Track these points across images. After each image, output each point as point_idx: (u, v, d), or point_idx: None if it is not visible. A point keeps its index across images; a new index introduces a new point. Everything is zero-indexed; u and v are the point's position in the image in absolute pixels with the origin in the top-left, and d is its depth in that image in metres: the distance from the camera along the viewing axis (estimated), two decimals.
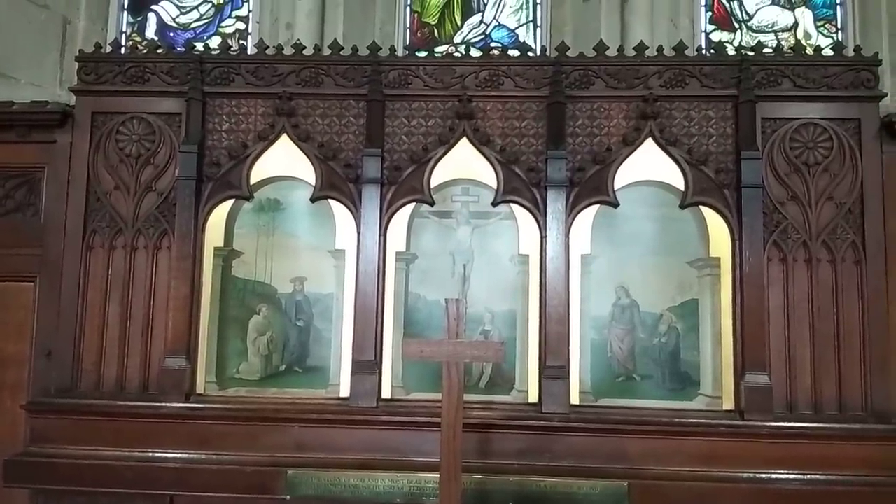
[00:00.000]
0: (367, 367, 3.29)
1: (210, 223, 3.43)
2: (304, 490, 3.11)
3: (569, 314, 3.30)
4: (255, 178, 3.45)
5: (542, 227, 3.33)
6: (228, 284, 3.50)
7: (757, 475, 3.11)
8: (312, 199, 3.41)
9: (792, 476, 3.12)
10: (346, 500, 3.11)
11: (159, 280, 3.40)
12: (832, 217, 3.29)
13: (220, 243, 3.50)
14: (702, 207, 3.35)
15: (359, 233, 3.37)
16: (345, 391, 3.36)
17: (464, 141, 3.37)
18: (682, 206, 3.33)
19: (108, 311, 3.39)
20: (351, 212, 3.40)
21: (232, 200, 3.48)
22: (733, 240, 3.28)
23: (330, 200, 3.45)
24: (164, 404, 3.26)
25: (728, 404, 3.26)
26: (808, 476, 3.11)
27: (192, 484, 3.16)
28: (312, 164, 3.39)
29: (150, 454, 3.22)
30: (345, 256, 3.48)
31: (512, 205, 3.42)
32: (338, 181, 3.40)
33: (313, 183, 3.41)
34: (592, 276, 3.42)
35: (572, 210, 3.33)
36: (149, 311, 3.39)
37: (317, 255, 3.50)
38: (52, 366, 3.38)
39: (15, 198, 3.59)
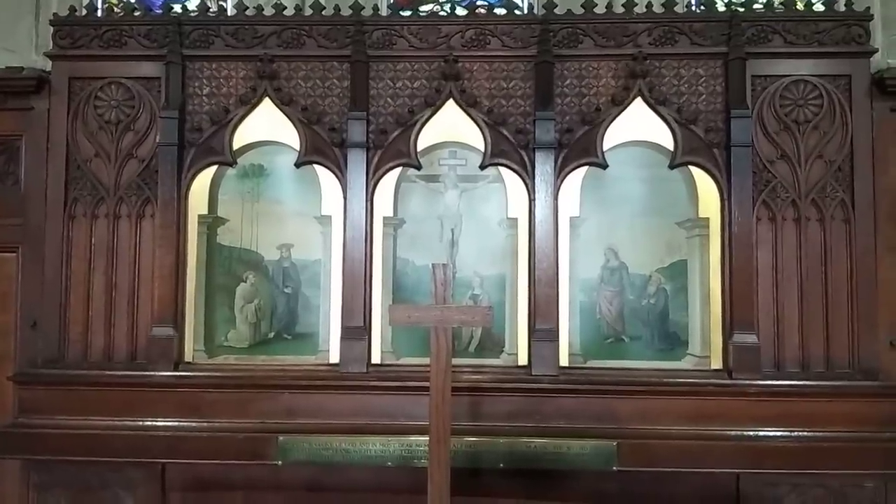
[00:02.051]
0: (356, 332, 3.28)
1: (193, 190, 3.37)
2: (295, 455, 3.12)
3: (558, 277, 3.29)
4: (237, 143, 3.39)
5: (531, 190, 3.29)
6: (214, 252, 3.46)
7: (744, 433, 3.14)
8: (297, 165, 3.36)
9: (779, 433, 3.15)
10: (338, 464, 3.12)
11: (143, 249, 3.36)
12: (822, 175, 3.27)
13: (205, 210, 3.45)
14: (691, 167, 3.33)
15: (345, 198, 3.33)
16: (334, 357, 3.35)
17: (450, 103, 3.32)
18: (672, 167, 3.30)
19: (92, 281, 3.35)
20: (337, 177, 3.35)
21: (215, 167, 3.42)
22: (722, 200, 3.26)
23: (315, 165, 3.39)
24: (153, 373, 3.25)
25: (716, 364, 3.28)
26: (796, 433, 3.14)
27: (183, 452, 3.16)
28: (296, 128, 3.33)
29: (141, 423, 3.21)
30: (331, 222, 3.44)
31: (500, 168, 3.37)
32: (322, 146, 3.35)
33: (297, 148, 3.35)
34: (581, 238, 3.40)
35: (561, 172, 3.30)
36: (134, 281, 3.35)
37: (303, 221, 3.46)
38: (38, 336, 3.35)
39: None
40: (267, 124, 3.40)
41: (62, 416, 3.22)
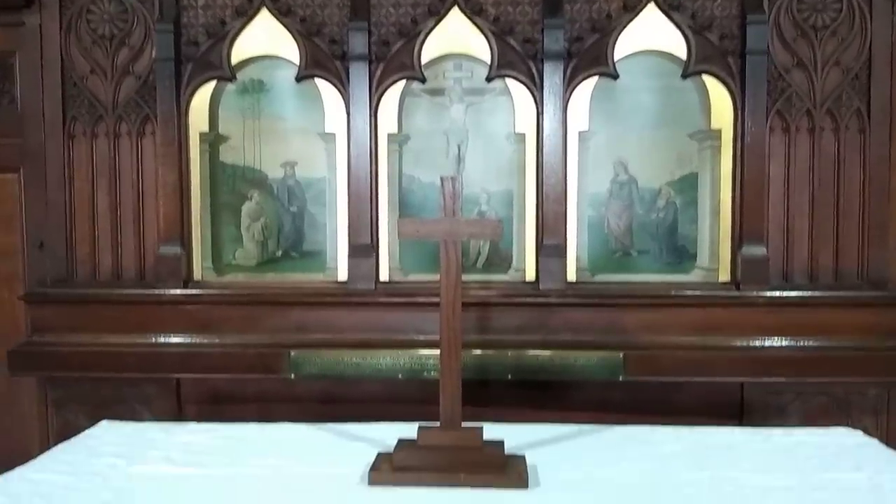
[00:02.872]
0: (363, 250, 3.28)
1: (193, 107, 3.29)
2: (307, 369, 3.17)
3: (566, 192, 3.25)
4: (236, 57, 3.29)
5: (539, 103, 3.21)
6: (217, 170, 3.41)
7: (751, 343, 3.17)
8: (298, 79, 3.26)
9: (785, 343, 3.18)
10: (349, 377, 3.17)
11: (146, 167, 3.32)
12: (838, 84, 3.18)
13: (205, 128, 3.38)
14: (704, 77, 3.23)
15: (348, 114, 3.25)
16: (342, 275, 3.35)
17: (455, 11, 3.19)
18: (684, 76, 3.20)
19: (96, 201, 3.33)
20: (339, 91, 3.27)
21: (214, 82, 3.33)
22: (735, 110, 3.18)
23: (316, 80, 3.30)
24: (162, 291, 3.26)
25: (724, 276, 3.27)
26: (802, 343, 3.17)
27: (196, 366, 3.21)
28: (295, 40, 3.22)
29: (153, 340, 3.25)
30: (335, 139, 3.38)
31: (507, 80, 3.28)
32: (323, 58, 3.25)
33: (297, 62, 3.25)
34: (590, 152, 3.34)
35: (570, 84, 3.20)
36: (138, 200, 3.32)
37: (306, 138, 3.40)
38: (46, 257, 3.36)
39: None
40: (265, 37, 3.29)
41: (75, 334, 3.26)
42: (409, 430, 2.18)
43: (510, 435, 2.24)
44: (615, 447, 2.27)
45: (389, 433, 2.29)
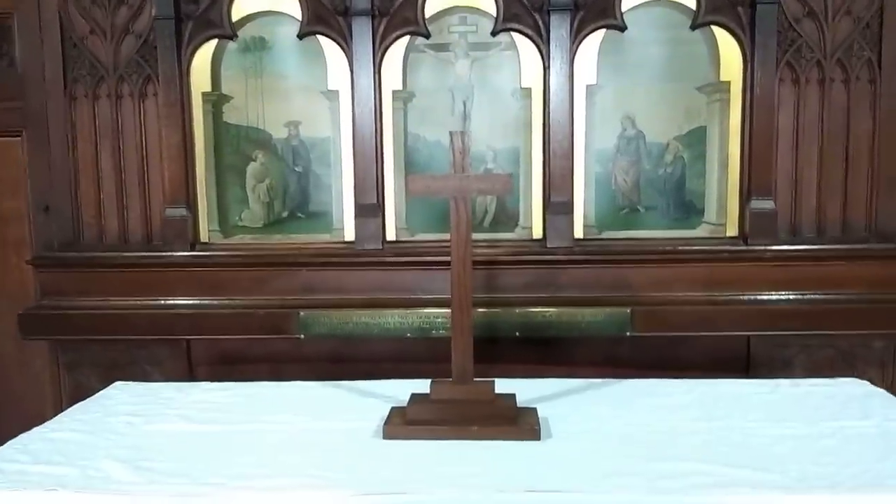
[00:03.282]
0: (370, 210, 3.27)
1: (195, 66, 3.25)
2: (316, 329, 3.19)
3: (573, 148, 3.22)
4: (236, 14, 3.23)
5: (545, 57, 3.16)
6: (221, 131, 3.38)
7: (757, 297, 3.18)
8: (300, 36, 3.21)
9: (792, 296, 3.18)
10: (359, 336, 3.20)
11: (149, 129, 3.29)
12: (849, 33, 3.12)
13: (208, 88, 3.34)
14: (713, 28, 3.17)
15: (352, 71, 3.21)
16: (349, 235, 3.35)
17: None
18: (693, 27, 3.15)
19: (100, 163, 3.30)
20: (342, 48, 3.22)
21: (215, 41, 3.28)
22: (745, 61, 3.13)
23: (319, 37, 3.25)
24: (170, 254, 3.27)
25: (732, 231, 3.26)
26: (808, 296, 3.17)
27: (206, 328, 3.23)
28: None
29: (162, 302, 3.27)
30: (339, 97, 3.34)
31: (513, 34, 3.23)
32: (325, 14, 3.19)
33: (299, 18, 3.20)
34: (597, 107, 3.30)
35: (577, 36, 3.15)
36: (143, 162, 3.30)
37: (309, 96, 3.35)
38: (52, 220, 3.35)
39: None
40: None
41: (84, 298, 3.27)
42: (421, 386, 2.22)
43: (521, 389, 2.27)
44: (624, 400, 2.30)
45: (401, 389, 2.32)
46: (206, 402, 2.33)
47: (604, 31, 3.19)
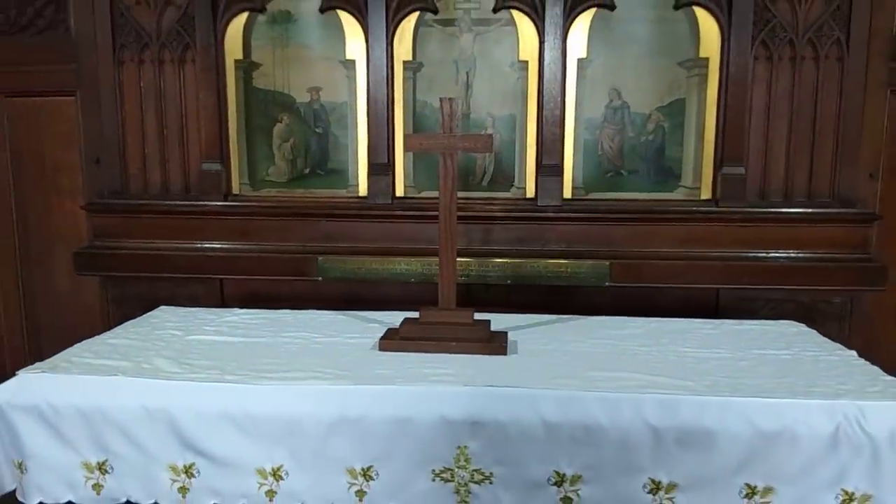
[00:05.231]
0: (381, 168, 3.66)
1: (229, 35, 3.65)
2: (333, 273, 3.62)
3: (563, 117, 3.57)
4: None
5: (541, 33, 3.50)
6: (251, 95, 3.79)
7: (727, 253, 3.52)
8: (321, 10, 3.59)
9: (760, 254, 3.52)
10: (370, 280, 3.62)
11: (188, 92, 3.70)
12: (820, 14, 3.40)
13: (240, 56, 3.74)
14: (695, 8, 3.47)
15: (367, 43, 3.58)
16: (363, 191, 3.76)
17: None
18: (677, 7, 3.45)
19: (145, 122, 3.74)
20: (359, 21, 3.58)
21: (246, 13, 3.67)
22: (722, 39, 3.43)
23: (338, 11, 3.62)
24: (205, 203, 3.71)
25: (706, 194, 3.60)
26: (773, 254, 3.51)
27: (237, 269, 3.69)
28: None
29: (199, 245, 3.72)
30: (355, 66, 3.72)
31: (512, 10, 3.56)
32: None
33: None
34: (588, 79, 3.63)
35: (570, 14, 3.48)
36: (182, 121, 3.73)
37: (329, 65, 3.74)
38: (102, 171, 3.81)
39: (45, 16, 3.79)
40: None
41: (130, 240, 3.74)
42: (415, 316, 2.63)
43: (499, 321, 2.69)
44: (586, 330, 2.71)
45: (399, 318, 2.75)
46: (237, 322, 2.79)
47: (595, 9, 3.51)
